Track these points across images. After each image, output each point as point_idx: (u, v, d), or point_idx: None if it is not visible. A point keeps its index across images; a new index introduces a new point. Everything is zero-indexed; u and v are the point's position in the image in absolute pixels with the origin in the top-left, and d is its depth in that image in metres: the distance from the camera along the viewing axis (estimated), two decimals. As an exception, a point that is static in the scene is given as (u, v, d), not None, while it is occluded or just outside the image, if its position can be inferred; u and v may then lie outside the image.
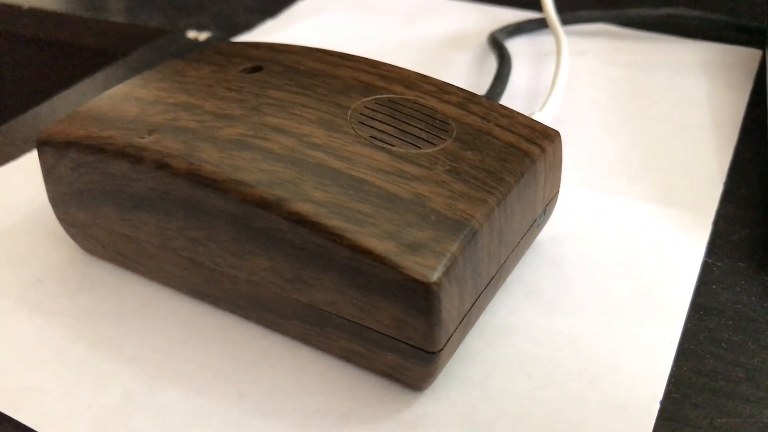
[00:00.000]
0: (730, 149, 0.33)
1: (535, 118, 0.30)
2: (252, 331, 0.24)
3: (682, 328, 0.24)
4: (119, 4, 0.53)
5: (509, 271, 0.25)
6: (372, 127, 0.24)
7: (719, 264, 0.27)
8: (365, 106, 0.25)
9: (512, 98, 0.36)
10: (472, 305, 0.22)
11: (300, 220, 0.21)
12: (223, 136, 0.23)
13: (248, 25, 0.45)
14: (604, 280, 0.26)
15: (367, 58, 0.28)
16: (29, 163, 0.32)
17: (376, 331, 0.21)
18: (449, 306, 0.20)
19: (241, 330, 0.24)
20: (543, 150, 0.24)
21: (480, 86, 0.38)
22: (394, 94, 0.25)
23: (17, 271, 0.27)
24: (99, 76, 0.40)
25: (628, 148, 0.33)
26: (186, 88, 0.26)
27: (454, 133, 0.24)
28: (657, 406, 0.22)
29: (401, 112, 0.24)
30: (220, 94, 0.25)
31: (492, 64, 0.40)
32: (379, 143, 0.23)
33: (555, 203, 0.27)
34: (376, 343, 0.21)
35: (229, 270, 0.23)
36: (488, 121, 0.25)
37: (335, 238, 0.20)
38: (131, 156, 0.23)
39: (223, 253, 0.23)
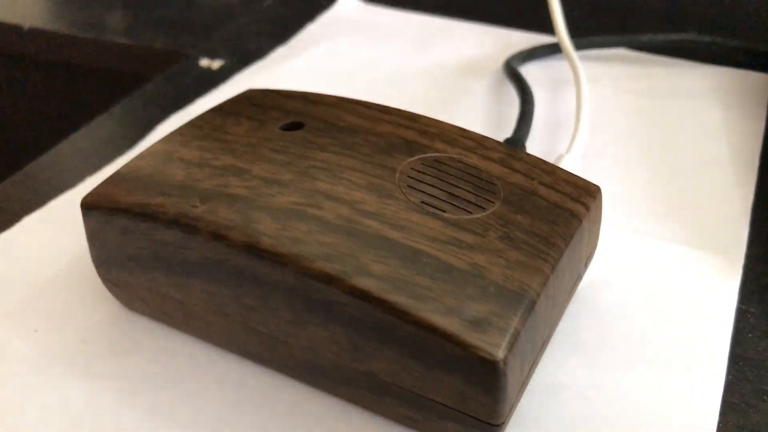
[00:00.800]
0: (751, 184, 0.33)
1: (563, 161, 0.30)
2: (304, 393, 0.24)
3: (724, 381, 0.25)
4: (120, 23, 0.52)
5: (556, 327, 0.25)
6: (421, 191, 0.24)
7: (752, 310, 0.27)
8: (412, 168, 0.25)
9: (534, 132, 0.37)
10: (529, 371, 0.22)
11: (361, 296, 0.21)
12: (276, 204, 0.23)
13: (259, 52, 0.45)
14: (643, 329, 0.26)
15: (403, 111, 0.28)
16: (57, 210, 0.32)
17: (437, 401, 0.21)
18: (513, 380, 0.21)
19: (293, 392, 0.25)
20: (588, 209, 0.25)
21: (501, 118, 0.38)
22: (437, 152, 0.26)
23: (59, 330, 0.27)
24: (116, 111, 0.40)
25: (651, 184, 0.33)
26: (230, 148, 0.26)
27: (502, 194, 0.24)
28: (708, 465, 0.22)
29: (447, 173, 0.25)
30: (266, 155, 0.25)
31: (509, 92, 0.40)
32: (431, 209, 0.23)
33: (594, 254, 0.27)
34: (437, 412, 0.22)
35: (284, 337, 0.23)
36: (532, 179, 0.25)
37: (398, 314, 0.20)
38: (185, 226, 0.23)
39: (278, 321, 0.23)
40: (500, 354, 0.20)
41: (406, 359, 0.21)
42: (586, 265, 0.27)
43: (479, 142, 0.26)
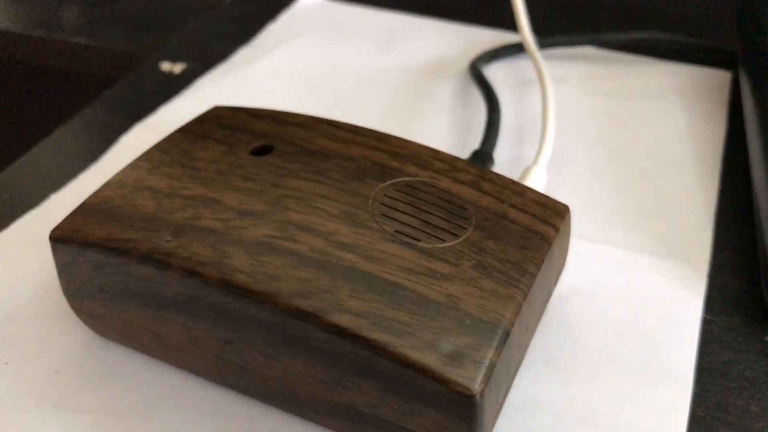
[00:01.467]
0: (714, 188, 0.34)
1: (531, 174, 0.31)
2: (282, 420, 0.25)
3: (691, 394, 0.25)
4: (77, 21, 0.51)
5: (528, 346, 0.26)
6: (395, 219, 0.24)
7: (717, 320, 0.28)
8: (384, 194, 0.25)
9: (501, 137, 0.37)
10: (504, 396, 0.23)
11: (339, 333, 0.21)
12: (249, 237, 0.23)
13: (222, 53, 0.44)
14: (613, 343, 0.27)
15: (374, 131, 0.28)
16: (21, 232, 0.32)
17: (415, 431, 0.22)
18: (489, 411, 0.21)
19: (272, 420, 0.25)
20: (557, 230, 0.25)
21: (467, 123, 0.38)
22: (409, 175, 0.26)
23: (32, 361, 0.26)
24: (77, 122, 0.39)
25: (618, 192, 0.34)
26: (199, 176, 0.26)
27: (473, 219, 0.24)
28: (677, 481, 0.23)
29: (420, 199, 0.25)
30: (237, 184, 0.25)
31: (475, 95, 0.40)
32: (405, 238, 0.23)
33: (563, 269, 0.28)
34: (416, 441, 0.22)
35: (260, 369, 0.23)
36: (502, 202, 0.25)
37: (376, 350, 0.21)
38: (158, 262, 0.23)
39: (255, 354, 0.23)
40: (477, 388, 0.20)
41: (385, 393, 0.21)
42: (555, 282, 0.27)
43: (450, 163, 0.27)
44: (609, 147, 0.37)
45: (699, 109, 0.39)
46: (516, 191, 0.26)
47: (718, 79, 0.42)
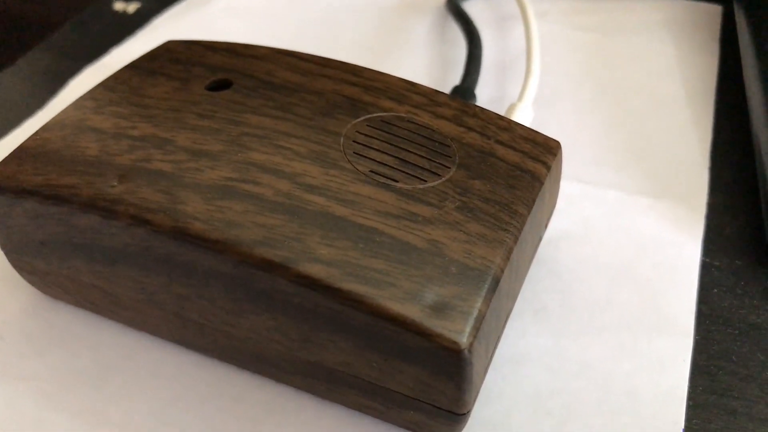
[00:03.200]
0: (708, 126, 0.32)
1: (516, 111, 0.28)
2: (250, 381, 0.22)
3: (692, 343, 0.24)
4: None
5: (518, 295, 0.24)
6: (370, 158, 0.22)
7: (717, 263, 0.26)
8: (357, 131, 0.22)
9: (482, 76, 0.34)
10: (494, 349, 0.21)
11: (309, 284, 0.19)
12: (206, 180, 0.21)
13: (179, -9, 0.41)
14: (607, 290, 0.25)
15: (344, 63, 0.25)
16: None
17: (396, 391, 0.20)
18: (478, 366, 0.19)
19: (237, 381, 0.22)
20: (548, 168, 0.23)
21: (446, 61, 0.35)
22: (384, 111, 0.23)
23: (-29, 325, 0.24)
24: (22, 65, 0.36)
25: (608, 130, 0.32)
26: (149, 114, 0.23)
27: (457, 157, 0.22)
28: (681, 437, 0.21)
29: (397, 136, 0.22)
30: (191, 122, 0.22)
31: (453, 32, 0.37)
32: (382, 179, 0.21)
33: (553, 212, 0.26)
34: (396, 402, 0.20)
35: (223, 327, 0.21)
36: (488, 138, 0.23)
37: (352, 303, 0.18)
38: (102, 210, 0.20)
39: (216, 310, 0.21)
40: (465, 341, 0.18)
41: (362, 349, 0.19)
42: (546, 226, 0.25)
43: (430, 97, 0.24)
44: (596, 84, 0.34)
45: (689, 44, 0.37)
46: (503, 126, 0.24)
47: (707, 12, 0.40)
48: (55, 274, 0.23)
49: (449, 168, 0.22)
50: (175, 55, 0.26)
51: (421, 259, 0.19)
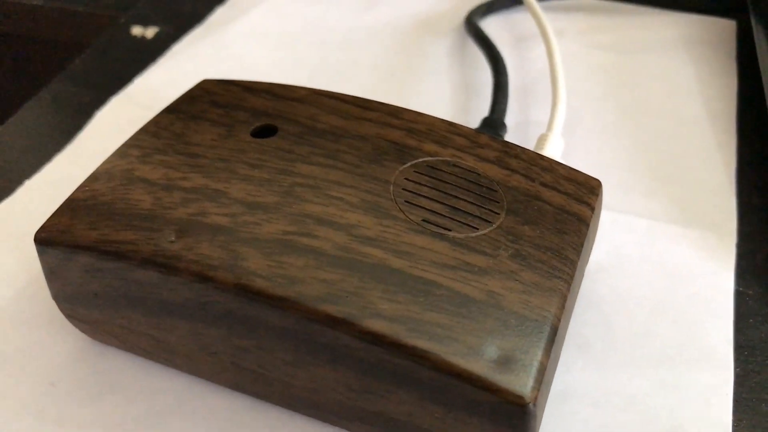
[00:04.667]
0: (732, 146, 0.33)
1: (548, 142, 0.29)
2: (306, 426, 0.23)
3: (732, 375, 0.24)
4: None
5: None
6: (420, 206, 0.22)
7: (750, 292, 0.27)
8: (405, 178, 0.23)
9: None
10: (548, 393, 0.21)
11: (373, 340, 0.19)
12: (263, 234, 0.21)
13: (196, 15, 0.41)
14: (645, 322, 0.26)
15: (384, 104, 0.25)
16: (1, 218, 0.29)
17: (457, 439, 0.20)
18: (539, 413, 0.19)
19: (294, 425, 0.23)
20: (592, 210, 0.23)
21: (469, 84, 0.36)
22: (429, 155, 0.24)
23: (22, 373, 0.24)
24: (45, 96, 0.36)
25: (632, 155, 0.32)
26: (198, 163, 0.23)
27: (505, 202, 0.22)
28: (729, 472, 0.22)
29: (445, 182, 0.23)
30: (241, 172, 0.23)
31: (473, 53, 0.38)
32: (434, 228, 0.21)
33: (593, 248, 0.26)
34: (457, 449, 0.20)
35: (282, 377, 0.21)
36: (533, 181, 0.23)
37: (417, 359, 0.19)
38: (162, 266, 0.20)
39: (276, 361, 0.21)
40: (529, 395, 0.18)
41: (425, 402, 0.20)
42: (587, 262, 0.25)
43: (471, 138, 0.24)
44: (618, 106, 0.35)
45: (706, 60, 0.38)
46: (545, 167, 0.24)
47: (722, 27, 0.40)
48: (108, 324, 0.23)
49: (499, 214, 0.22)
50: (213, 98, 0.26)
51: (480, 311, 0.20)
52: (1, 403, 0.23)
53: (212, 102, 0.26)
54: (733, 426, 0.23)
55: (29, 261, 0.27)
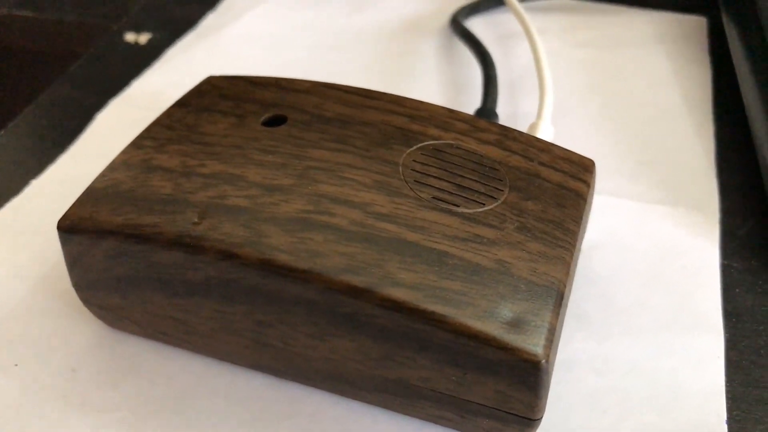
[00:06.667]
0: (710, 132, 0.34)
1: (539, 129, 0.30)
2: (324, 399, 0.24)
3: (723, 340, 0.26)
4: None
5: (564, 305, 0.25)
6: (429, 185, 0.23)
7: (735, 265, 0.28)
8: (413, 160, 0.24)
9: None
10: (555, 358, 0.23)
11: (395, 307, 0.20)
12: (283, 214, 0.22)
13: (188, 20, 0.42)
14: (640, 295, 0.27)
15: (385, 93, 0.27)
16: (7, 223, 0.30)
17: (473, 402, 0.21)
18: (550, 373, 0.21)
19: (311, 400, 0.24)
20: (588, 186, 0.25)
21: (458, 81, 0.37)
22: (433, 138, 0.25)
23: (44, 361, 0.25)
24: (44, 100, 0.36)
25: (617, 142, 0.34)
26: (213, 151, 0.24)
27: (507, 180, 0.24)
28: (725, 428, 0.23)
29: (450, 162, 0.24)
30: (256, 158, 0.24)
31: (460, 52, 0.39)
32: (444, 204, 0.23)
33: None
34: (472, 411, 0.22)
35: (303, 350, 0.22)
36: (531, 160, 0.25)
37: (435, 323, 0.20)
38: (188, 246, 0.21)
39: (297, 335, 0.22)
40: (542, 353, 0.20)
41: (442, 365, 0.21)
42: (583, 238, 0.27)
43: (471, 123, 0.26)
44: (600, 98, 0.37)
45: (680, 54, 0.40)
46: (542, 148, 0.25)
47: (694, 24, 0.42)
48: (127, 308, 0.24)
49: (503, 191, 0.23)
50: (221, 91, 0.27)
51: (491, 278, 0.21)
52: (26, 390, 0.24)
53: (221, 95, 0.27)
54: (726, 385, 0.24)
55: (42, 256, 0.28)
